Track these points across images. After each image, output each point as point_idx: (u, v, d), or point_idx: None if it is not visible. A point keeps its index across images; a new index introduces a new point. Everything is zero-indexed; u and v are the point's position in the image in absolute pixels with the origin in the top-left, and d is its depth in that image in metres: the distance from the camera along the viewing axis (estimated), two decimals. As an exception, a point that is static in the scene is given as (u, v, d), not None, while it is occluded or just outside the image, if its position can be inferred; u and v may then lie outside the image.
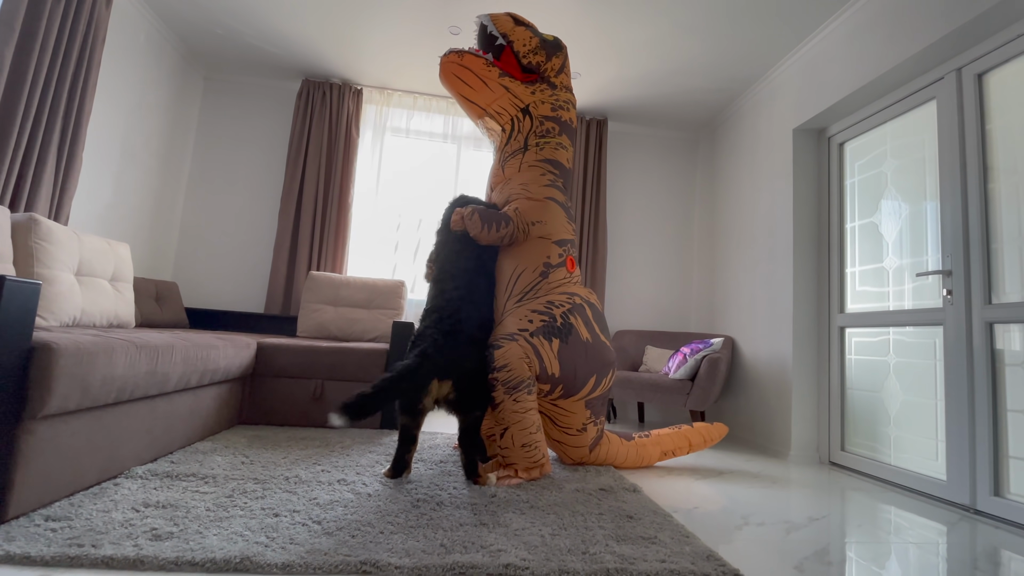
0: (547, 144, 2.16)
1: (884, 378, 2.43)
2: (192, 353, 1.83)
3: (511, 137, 2.17)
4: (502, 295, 2.02)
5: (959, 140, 2.15)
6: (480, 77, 2.09)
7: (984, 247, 2.02)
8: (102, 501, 1.35)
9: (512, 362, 1.82)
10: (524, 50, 2.13)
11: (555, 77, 2.21)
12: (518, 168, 2.13)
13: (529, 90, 2.15)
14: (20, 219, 1.89)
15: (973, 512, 1.95)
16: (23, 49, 2.09)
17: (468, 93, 2.13)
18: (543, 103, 2.16)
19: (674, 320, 4.00)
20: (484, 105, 2.15)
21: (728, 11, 2.67)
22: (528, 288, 1.99)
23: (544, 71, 2.18)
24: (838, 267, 2.77)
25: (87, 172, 2.69)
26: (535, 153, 2.14)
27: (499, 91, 2.11)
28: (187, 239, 3.56)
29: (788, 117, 3.02)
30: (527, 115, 2.15)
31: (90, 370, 1.32)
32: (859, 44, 2.49)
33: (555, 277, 2.03)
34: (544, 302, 1.97)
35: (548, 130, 2.17)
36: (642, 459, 2.19)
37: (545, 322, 1.93)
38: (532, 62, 2.15)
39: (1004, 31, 1.98)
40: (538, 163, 2.13)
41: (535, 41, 2.14)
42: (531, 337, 1.88)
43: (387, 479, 1.73)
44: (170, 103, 3.33)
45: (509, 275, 2.02)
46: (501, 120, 2.18)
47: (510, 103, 2.14)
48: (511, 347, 1.84)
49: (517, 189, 2.10)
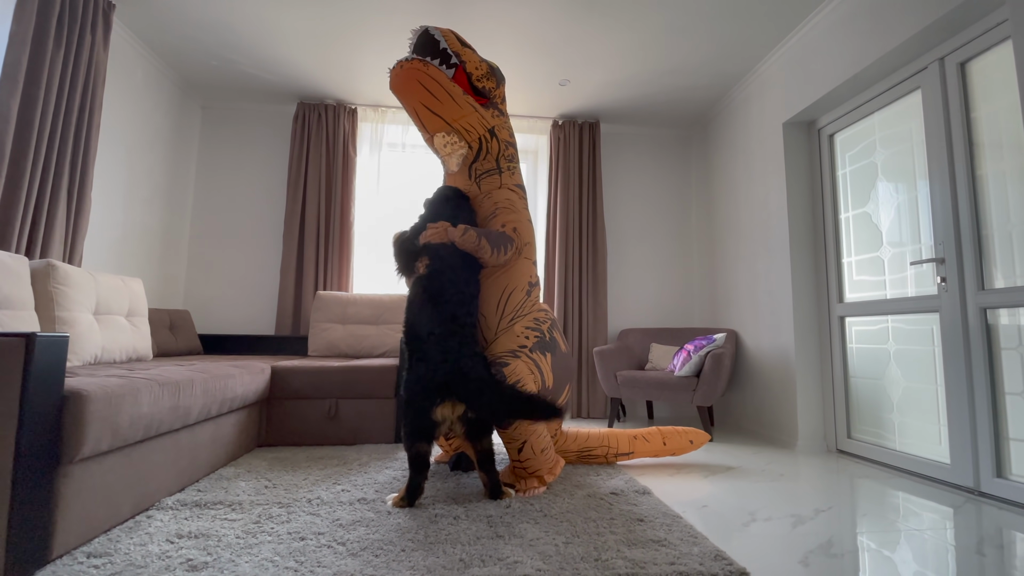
0: (514, 169, 2.20)
1: (885, 365, 2.47)
2: (211, 384, 1.90)
3: (481, 156, 2.12)
4: (492, 315, 2.02)
5: (945, 128, 2.18)
6: (447, 90, 1.97)
7: (975, 234, 2.06)
8: (138, 535, 1.43)
9: (524, 377, 1.88)
10: (477, 73, 2.07)
11: (501, 104, 2.21)
12: (498, 185, 2.14)
13: (490, 112, 2.11)
14: (38, 265, 1.97)
15: (978, 494, 2.00)
16: (28, 99, 2.17)
17: (434, 105, 1.99)
18: (503, 127, 2.17)
19: (678, 316, 4.05)
20: (450, 120, 2.04)
21: (711, 10, 2.71)
22: (518, 306, 2.05)
23: (493, 97, 2.16)
24: (835, 257, 2.81)
25: (95, 211, 2.77)
26: (509, 176, 2.17)
27: (467, 108, 2.02)
28: (195, 267, 3.64)
29: (778, 111, 3.05)
30: (494, 137, 2.13)
31: (118, 412, 1.39)
32: (842, 37, 2.52)
33: (534, 295, 2.14)
34: (532, 319, 2.06)
35: (511, 155, 2.20)
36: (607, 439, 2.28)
37: (539, 338, 2.01)
38: (484, 87, 2.11)
39: (983, 20, 2.01)
40: (515, 187, 2.18)
41: (485, 66, 2.11)
42: (530, 353, 1.95)
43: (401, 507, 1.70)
44: (170, 135, 3.41)
45: (499, 295, 2.04)
46: (469, 137, 2.10)
47: (479, 122, 2.07)
48: (518, 364, 1.90)
49: (504, 203, 2.10)
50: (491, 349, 1.99)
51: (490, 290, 2.05)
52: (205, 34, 2.95)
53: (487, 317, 2.04)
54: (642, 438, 2.32)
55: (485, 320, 2.04)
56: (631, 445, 2.29)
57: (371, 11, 2.75)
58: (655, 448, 2.32)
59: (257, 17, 2.80)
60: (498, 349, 1.96)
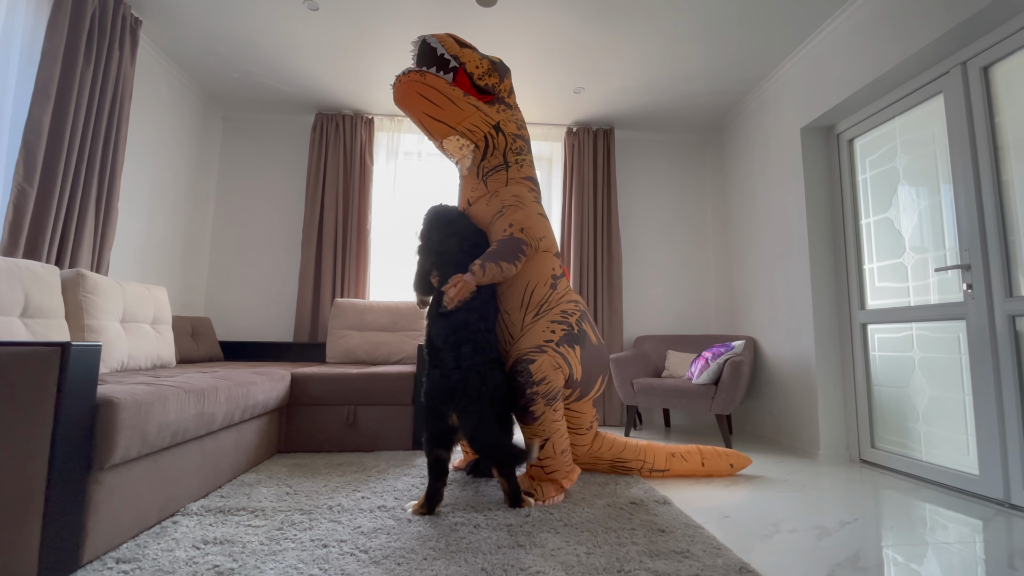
0: (524, 161, 2.19)
1: (910, 374, 2.43)
2: (234, 392, 1.93)
3: (488, 153, 2.14)
4: (517, 311, 2.03)
5: (969, 133, 2.15)
6: (446, 96, 2.02)
7: (1001, 240, 2.02)
8: (165, 540, 1.45)
9: (549, 374, 1.89)
10: (478, 72, 2.10)
11: (508, 97, 2.22)
12: (504, 183, 2.13)
13: (494, 108, 2.14)
14: (68, 275, 2.02)
15: (1008, 506, 1.95)
16: (59, 113, 2.24)
17: (435, 112, 2.05)
18: (510, 121, 2.18)
19: (693, 323, 4.01)
20: (454, 124, 2.08)
21: (726, 17, 2.70)
22: (543, 301, 2.05)
23: (499, 92, 2.18)
24: (855, 264, 2.77)
25: (121, 221, 2.84)
26: (517, 170, 2.16)
27: (469, 109, 2.06)
28: (216, 275, 3.71)
29: (795, 116, 3.03)
30: (500, 132, 2.14)
31: (147, 419, 1.42)
32: (862, 42, 2.50)
33: (561, 287, 2.12)
34: (559, 312, 2.04)
35: (520, 147, 2.19)
36: (643, 452, 2.24)
37: (566, 331, 2.00)
38: (487, 84, 2.12)
39: (1007, 23, 1.98)
40: (523, 180, 2.16)
41: (486, 63, 2.13)
42: (557, 347, 1.95)
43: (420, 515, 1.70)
44: (192, 146, 3.49)
45: (522, 291, 2.04)
46: (474, 137, 2.13)
47: (482, 120, 2.10)
48: (544, 359, 1.90)
49: (510, 200, 2.09)
50: (518, 345, 1.99)
51: (513, 288, 2.05)
52: (227, 48, 3.02)
53: (511, 314, 2.04)
54: (680, 456, 2.25)
55: (510, 317, 2.04)
56: (668, 463, 2.24)
57: (387, 23, 2.79)
58: (693, 468, 2.25)
59: (277, 31, 2.86)
60: (525, 345, 1.97)
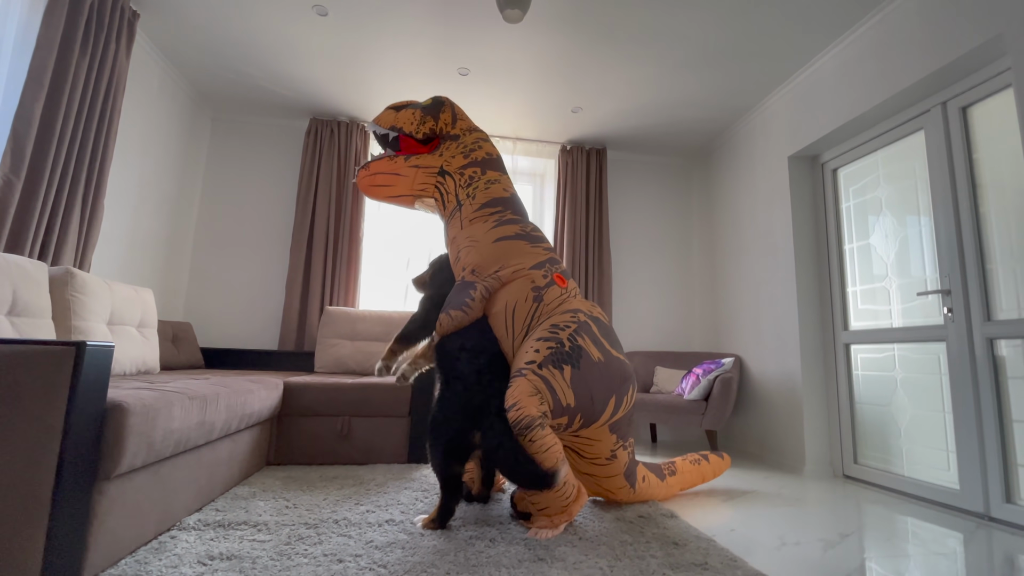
0: (476, 190, 2.15)
1: (892, 392, 2.55)
2: (232, 400, 1.85)
3: (444, 202, 2.19)
4: (505, 337, 1.88)
5: (949, 168, 2.31)
6: (391, 173, 2.19)
7: (980, 268, 2.17)
8: (166, 556, 1.36)
9: (521, 400, 1.64)
10: (413, 128, 2.22)
11: (453, 129, 2.26)
12: (460, 226, 2.12)
13: (436, 154, 2.21)
14: (57, 272, 1.91)
15: (988, 520, 2.05)
16: (52, 103, 2.13)
17: (390, 192, 2.22)
18: (453, 157, 2.20)
19: (679, 340, 4.10)
20: (409, 192, 2.21)
21: (722, 49, 2.83)
22: (528, 317, 1.88)
23: (440, 131, 2.24)
24: (839, 286, 2.90)
25: (104, 218, 2.71)
26: (469, 206, 2.12)
27: (411, 172, 2.19)
28: (198, 278, 3.56)
29: (783, 144, 3.18)
30: (446, 175, 2.19)
31: (154, 426, 1.35)
32: (849, 78, 2.66)
33: (550, 297, 1.93)
34: (548, 327, 1.83)
35: (471, 177, 2.17)
36: (671, 493, 2.21)
37: (552, 349, 1.75)
38: (426, 132, 2.22)
39: (985, 68, 2.15)
40: (476, 213, 2.11)
41: (418, 114, 2.22)
42: (539, 369, 1.71)
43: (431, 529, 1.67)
44: (179, 145, 3.37)
45: (503, 315, 1.90)
46: (429, 192, 2.22)
47: (426, 175, 2.20)
48: (519, 384, 1.68)
49: (465, 243, 2.07)
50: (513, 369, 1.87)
51: (494, 316, 1.92)
52: (225, 47, 2.96)
53: (503, 343, 1.89)
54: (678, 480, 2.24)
55: (503, 343, 1.89)
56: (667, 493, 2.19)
57: (392, 34, 2.80)
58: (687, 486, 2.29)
59: (280, 33, 2.82)
60: (512, 369, 1.81)
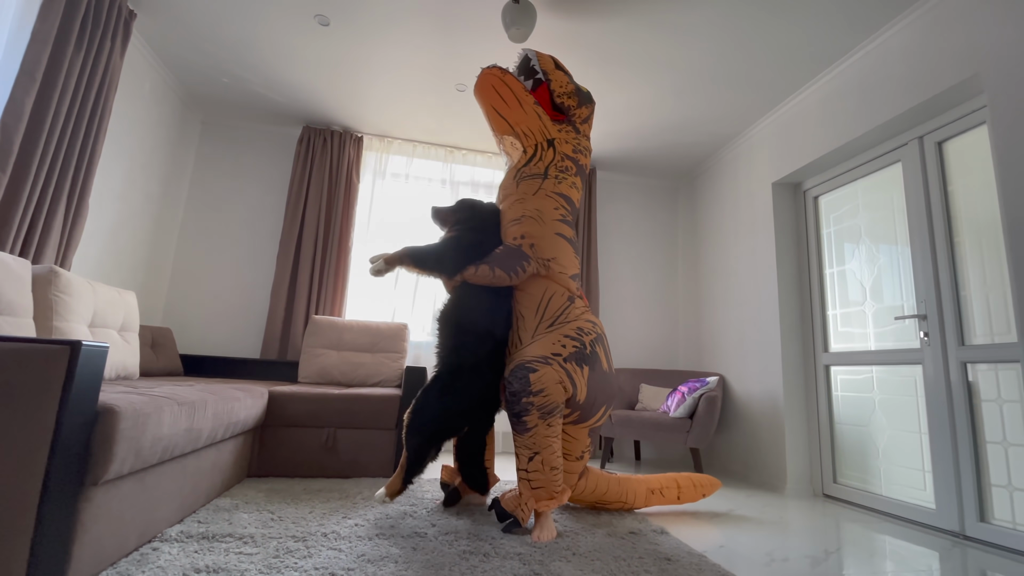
0: (564, 179, 2.22)
1: (871, 413, 2.62)
2: (220, 407, 1.80)
3: (532, 161, 2.21)
4: (532, 317, 2.02)
5: (925, 199, 2.42)
6: (517, 96, 2.17)
7: (954, 293, 2.27)
8: (150, 569, 1.31)
9: (549, 386, 1.82)
10: (560, 91, 2.24)
11: (580, 124, 2.33)
12: (535, 191, 2.17)
13: (557, 127, 2.25)
14: (40, 271, 1.85)
15: (963, 538, 2.12)
16: (43, 99, 2.08)
17: (501, 107, 2.19)
18: (566, 142, 2.26)
19: (664, 358, 4.15)
20: (513, 123, 2.21)
21: (714, 76, 2.94)
22: (559, 312, 2.02)
23: (572, 115, 2.29)
24: (820, 309, 3.00)
25: (88, 218, 2.63)
26: (553, 184, 2.19)
27: (532, 114, 2.19)
28: (179, 283, 3.47)
29: (766, 171, 3.30)
30: (551, 147, 2.23)
31: (144, 431, 1.30)
32: (831, 110, 2.79)
33: (579, 305, 2.09)
34: (574, 328, 1.99)
35: (567, 167, 2.24)
36: (625, 494, 2.17)
37: (577, 348, 1.94)
38: (564, 104, 2.26)
39: (961, 106, 2.28)
40: (554, 194, 2.18)
41: (571, 86, 2.27)
42: (564, 362, 1.88)
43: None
44: (168, 147, 3.31)
45: (540, 295, 2.04)
46: (526, 142, 2.23)
47: (539, 130, 2.21)
48: (547, 371, 1.84)
49: (531, 211, 2.14)
50: (524, 352, 1.95)
51: (531, 289, 2.05)
52: (221, 50, 2.94)
53: (526, 318, 2.02)
54: (659, 493, 2.23)
55: (523, 321, 2.02)
56: (647, 500, 2.21)
57: (392, 47, 2.82)
58: (669, 501, 2.25)
59: (279, 41, 2.82)
60: (531, 353, 1.92)
